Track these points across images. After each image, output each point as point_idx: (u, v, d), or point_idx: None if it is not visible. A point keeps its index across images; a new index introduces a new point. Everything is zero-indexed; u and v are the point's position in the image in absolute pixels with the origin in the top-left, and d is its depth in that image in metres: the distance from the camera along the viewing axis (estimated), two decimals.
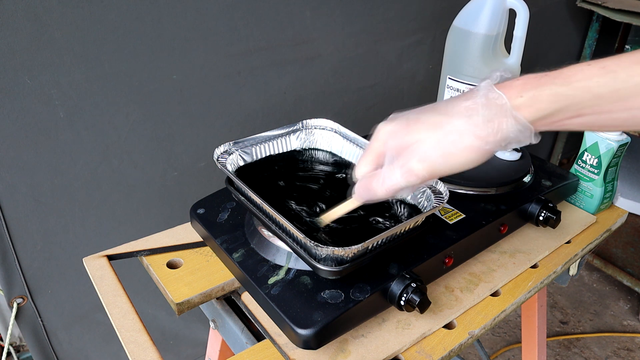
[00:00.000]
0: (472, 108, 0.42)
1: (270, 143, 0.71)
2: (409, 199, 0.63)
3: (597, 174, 0.78)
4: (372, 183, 0.46)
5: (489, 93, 0.41)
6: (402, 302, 0.55)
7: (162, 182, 0.99)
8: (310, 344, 0.52)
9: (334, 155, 0.73)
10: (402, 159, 0.44)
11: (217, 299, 0.65)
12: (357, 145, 0.71)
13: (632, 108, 0.38)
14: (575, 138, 1.92)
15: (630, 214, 0.88)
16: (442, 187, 0.60)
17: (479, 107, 0.41)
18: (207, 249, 0.69)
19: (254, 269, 0.59)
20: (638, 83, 0.37)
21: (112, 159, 0.91)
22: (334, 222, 0.56)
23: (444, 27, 0.90)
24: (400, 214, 0.62)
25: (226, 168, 0.63)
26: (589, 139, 0.78)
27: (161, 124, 0.94)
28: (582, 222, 0.78)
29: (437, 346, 0.57)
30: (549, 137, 1.96)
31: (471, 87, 0.89)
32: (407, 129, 0.44)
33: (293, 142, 0.73)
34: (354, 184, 0.49)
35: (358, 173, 0.48)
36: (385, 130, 0.46)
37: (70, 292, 0.98)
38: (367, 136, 0.85)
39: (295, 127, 0.73)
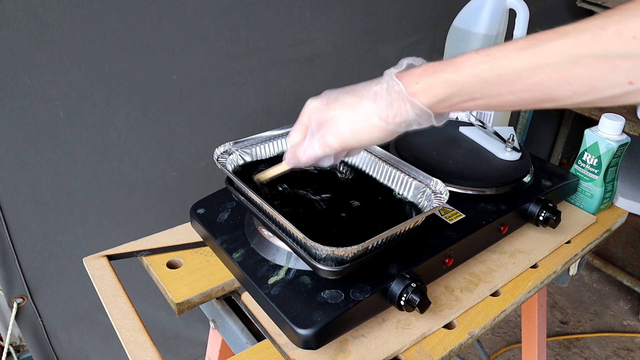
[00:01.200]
0: (377, 92, 0.48)
1: (271, 143, 0.71)
2: (409, 198, 0.63)
3: (597, 174, 0.78)
4: (296, 151, 0.54)
5: (390, 80, 0.47)
6: (402, 302, 0.55)
7: (162, 182, 0.99)
8: (310, 344, 0.52)
9: None
10: (320, 133, 0.51)
11: (217, 299, 0.65)
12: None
13: (516, 91, 0.42)
14: (575, 138, 1.92)
15: (630, 214, 0.88)
16: (442, 187, 0.60)
17: (383, 92, 0.48)
18: (207, 249, 0.69)
19: (254, 269, 0.59)
20: (518, 69, 0.40)
21: (112, 159, 0.91)
22: (334, 222, 0.56)
23: (444, 27, 0.90)
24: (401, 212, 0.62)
25: (226, 168, 0.63)
26: (589, 139, 0.78)
27: (161, 124, 0.94)
28: (582, 222, 0.78)
29: (437, 346, 0.57)
30: (549, 137, 1.96)
31: None
32: (327, 107, 0.51)
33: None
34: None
35: (289, 141, 0.56)
36: (311, 106, 0.53)
37: (70, 292, 0.98)
38: None
39: None
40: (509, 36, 0.86)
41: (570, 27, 0.39)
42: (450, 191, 0.61)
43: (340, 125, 0.50)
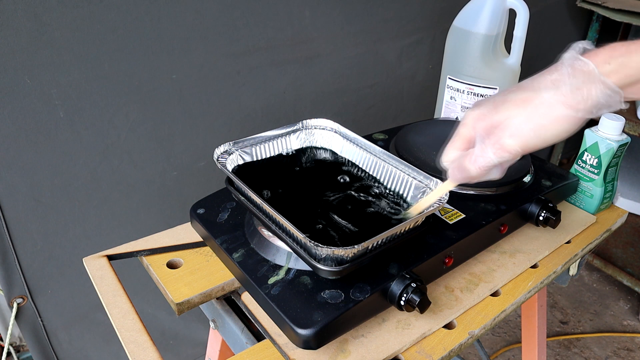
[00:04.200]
0: (558, 80, 0.43)
1: (270, 143, 0.71)
2: (408, 198, 0.63)
3: (597, 174, 0.78)
4: (464, 162, 0.48)
5: (575, 62, 0.42)
6: (402, 302, 0.55)
7: (162, 181, 0.99)
8: (310, 344, 0.52)
9: (334, 154, 0.73)
10: (494, 137, 0.45)
11: (217, 299, 0.65)
12: (357, 145, 0.71)
13: None
14: (575, 138, 1.91)
15: (630, 214, 0.88)
16: None
17: (565, 78, 0.42)
18: (207, 249, 0.69)
19: (254, 269, 0.59)
20: None
21: (111, 159, 0.91)
22: (335, 223, 0.56)
23: (444, 27, 0.90)
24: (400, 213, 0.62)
25: (226, 168, 0.63)
26: (589, 139, 0.78)
27: (161, 123, 0.94)
28: (582, 222, 0.78)
29: (437, 346, 0.57)
30: None
31: (471, 86, 0.89)
32: (495, 109, 0.45)
33: (293, 142, 0.73)
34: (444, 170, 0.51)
35: (446, 158, 0.50)
36: (472, 116, 0.47)
37: (70, 292, 0.98)
38: (367, 136, 0.85)
39: (295, 127, 0.73)
40: (509, 36, 0.86)
41: None
42: (450, 191, 0.61)
43: (518, 123, 0.44)
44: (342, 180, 0.68)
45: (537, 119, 0.43)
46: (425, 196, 0.58)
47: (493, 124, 0.45)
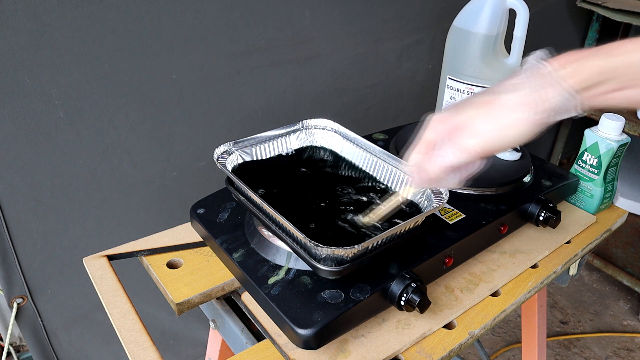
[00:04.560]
0: (518, 83, 0.43)
1: (270, 143, 0.71)
2: (409, 198, 0.63)
3: (597, 174, 0.78)
4: (424, 164, 0.48)
5: (534, 66, 0.43)
6: (402, 302, 0.55)
7: (162, 181, 0.99)
8: (310, 344, 0.52)
9: (334, 155, 0.73)
10: (455, 138, 0.45)
11: (217, 299, 0.65)
12: (357, 145, 0.71)
13: None
14: (575, 138, 1.92)
15: (630, 214, 0.88)
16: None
17: (524, 81, 0.43)
18: (207, 249, 0.69)
19: (254, 269, 0.59)
20: None
21: (111, 159, 0.91)
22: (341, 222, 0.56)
23: (444, 27, 0.90)
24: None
25: (226, 168, 0.63)
26: (589, 139, 0.78)
27: (161, 123, 0.94)
28: (582, 222, 0.78)
29: (437, 346, 0.57)
30: (549, 137, 1.96)
31: (471, 86, 0.89)
32: (457, 112, 0.46)
33: (293, 142, 0.73)
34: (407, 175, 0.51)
35: (410, 162, 0.50)
36: (434, 119, 0.47)
37: (70, 292, 0.98)
38: (367, 136, 0.85)
39: (295, 127, 0.73)
40: (509, 36, 0.86)
41: None
42: (450, 191, 0.61)
43: (478, 124, 0.44)
44: (341, 181, 0.68)
45: (496, 121, 0.44)
46: (384, 202, 0.58)
47: (454, 125, 0.46)
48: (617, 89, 0.41)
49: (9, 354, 1.20)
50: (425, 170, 0.48)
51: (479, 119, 0.44)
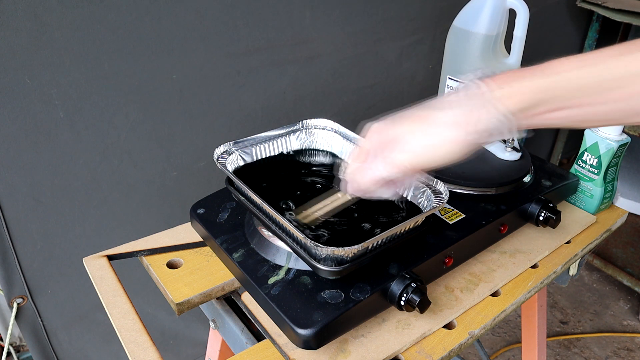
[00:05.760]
0: (455, 101, 0.43)
1: (270, 143, 0.71)
2: (409, 197, 0.63)
3: (597, 174, 0.78)
4: (356, 175, 0.48)
5: (470, 85, 0.43)
6: (402, 302, 0.55)
7: (162, 181, 0.99)
8: (310, 344, 0.52)
9: (334, 155, 0.73)
10: (386, 151, 0.45)
11: (217, 299, 0.65)
12: (357, 145, 0.71)
13: (611, 101, 0.39)
14: (575, 138, 1.92)
15: (630, 214, 0.88)
16: (442, 187, 0.60)
17: (461, 100, 0.43)
18: (207, 249, 0.69)
19: (254, 269, 0.59)
20: (615, 76, 0.38)
21: (111, 159, 0.91)
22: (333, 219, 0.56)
23: (444, 27, 0.90)
24: (400, 215, 0.62)
25: (226, 168, 0.63)
26: (589, 139, 0.78)
27: (161, 123, 0.94)
28: (582, 222, 0.78)
29: (437, 346, 0.57)
30: (549, 137, 1.96)
31: None
32: (393, 124, 0.46)
33: (293, 142, 0.73)
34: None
35: (347, 170, 0.50)
36: (372, 128, 0.47)
37: (70, 292, 0.98)
38: None
39: (295, 127, 0.73)
40: (509, 36, 0.86)
41: None
42: (450, 191, 0.61)
43: (411, 140, 0.44)
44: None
45: (428, 138, 0.43)
46: (327, 199, 0.58)
47: (388, 138, 0.45)
48: (555, 109, 0.41)
49: (9, 354, 1.20)
50: (356, 182, 0.48)
51: (411, 135, 0.44)
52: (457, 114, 0.42)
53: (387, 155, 0.45)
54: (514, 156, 0.78)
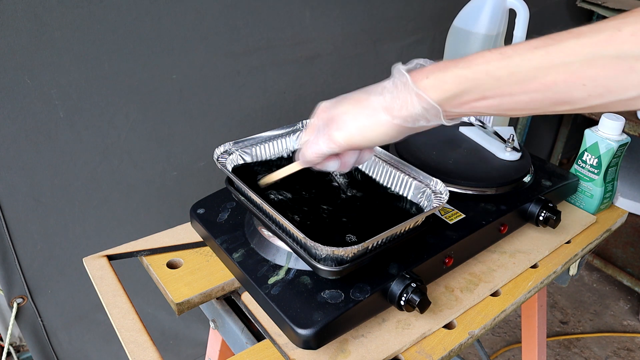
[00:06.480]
0: (386, 87, 0.48)
1: (270, 143, 0.71)
2: (409, 198, 0.63)
3: (597, 174, 0.78)
4: (303, 148, 0.53)
5: (397, 74, 0.47)
6: (402, 302, 0.55)
7: (162, 181, 0.99)
8: (310, 344, 0.52)
9: None
10: (327, 129, 0.50)
11: (217, 299, 0.65)
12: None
13: (529, 91, 0.41)
14: (575, 138, 1.92)
15: (630, 214, 0.88)
16: (442, 187, 0.60)
17: (390, 86, 0.47)
18: (207, 249, 0.69)
19: (254, 269, 0.59)
20: (531, 67, 0.40)
21: (111, 159, 0.91)
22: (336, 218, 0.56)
23: (444, 27, 0.90)
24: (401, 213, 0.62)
25: (226, 168, 0.63)
26: (589, 139, 0.78)
27: (161, 123, 0.94)
28: (582, 222, 0.78)
29: (437, 346, 0.57)
30: (549, 137, 1.96)
31: None
32: (335, 104, 0.51)
33: (293, 142, 0.73)
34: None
35: (299, 143, 0.55)
36: (321, 107, 0.53)
37: (70, 292, 0.98)
38: None
39: (295, 127, 0.73)
40: (509, 36, 0.86)
41: (585, 27, 0.38)
42: (450, 191, 0.61)
43: (347, 120, 0.49)
44: (341, 180, 0.68)
45: (362, 119, 0.48)
46: (280, 172, 0.60)
47: (330, 116, 0.50)
48: (479, 98, 0.43)
49: (9, 354, 1.20)
50: (304, 154, 0.53)
51: (348, 115, 0.49)
52: (386, 99, 0.47)
53: (327, 132, 0.50)
54: (514, 156, 0.78)
